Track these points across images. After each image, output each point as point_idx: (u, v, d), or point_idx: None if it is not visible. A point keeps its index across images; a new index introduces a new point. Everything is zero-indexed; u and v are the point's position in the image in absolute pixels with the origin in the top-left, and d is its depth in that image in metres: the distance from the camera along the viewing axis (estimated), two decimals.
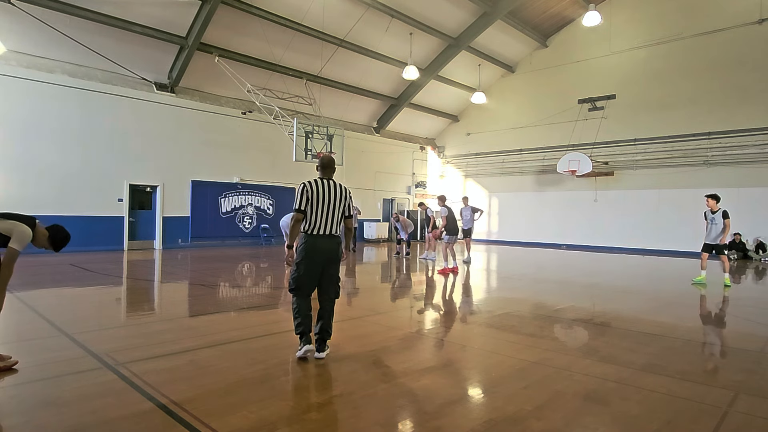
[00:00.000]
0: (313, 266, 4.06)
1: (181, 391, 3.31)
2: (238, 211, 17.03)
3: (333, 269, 4.19)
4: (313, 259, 4.05)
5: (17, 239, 3.50)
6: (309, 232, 4.05)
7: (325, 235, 4.07)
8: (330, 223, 4.08)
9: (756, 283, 10.73)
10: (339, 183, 4.20)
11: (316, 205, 4.02)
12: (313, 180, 4.11)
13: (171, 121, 15.27)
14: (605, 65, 18.61)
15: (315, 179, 4.13)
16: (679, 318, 6.29)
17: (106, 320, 5.77)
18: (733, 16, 15.79)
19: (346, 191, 4.23)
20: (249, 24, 14.68)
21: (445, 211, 10.76)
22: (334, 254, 4.14)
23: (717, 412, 3.15)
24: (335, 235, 4.14)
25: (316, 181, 4.10)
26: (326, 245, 4.08)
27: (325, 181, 4.14)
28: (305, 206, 4.01)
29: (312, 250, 4.04)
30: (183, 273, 10.49)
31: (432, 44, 18.71)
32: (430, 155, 24.73)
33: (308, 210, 4.03)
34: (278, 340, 4.75)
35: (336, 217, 4.12)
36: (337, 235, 4.17)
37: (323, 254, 4.07)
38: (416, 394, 3.39)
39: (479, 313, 6.66)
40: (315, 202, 4.02)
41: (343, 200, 4.16)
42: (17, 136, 12.41)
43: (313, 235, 4.05)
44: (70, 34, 12.39)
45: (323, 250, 4.06)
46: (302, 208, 4.01)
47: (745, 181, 15.38)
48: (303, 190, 4.02)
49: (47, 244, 3.81)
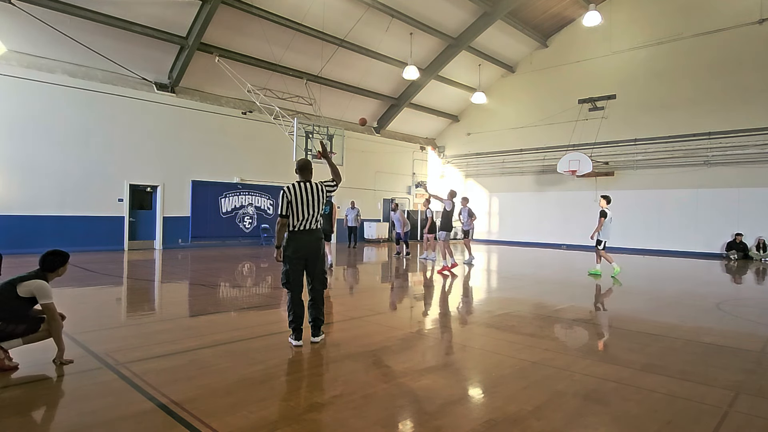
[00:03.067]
0: (299, 260, 4.52)
1: (182, 391, 3.32)
2: (238, 211, 17.03)
3: (317, 261, 4.61)
4: (298, 253, 4.50)
5: (41, 295, 3.71)
6: (292, 230, 4.51)
7: (305, 231, 4.50)
8: (309, 220, 4.51)
9: (756, 283, 10.73)
10: (315, 183, 4.63)
11: (296, 207, 4.46)
12: (292, 185, 4.54)
13: (171, 121, 15.27)
14: (605, 65, 18.60)
15: (293, 183, 4.56)
16: (680, 318, 6.29)
17: (106, 320, 5.77)
18: (733, 16, 15.78)
19: (322, 189, 4.65)
20: (249, 24, 14.68)
21: (450, 205, 10.73)
22: (316, 247, 4.57)
23: (717, 412, 3.14)
24: (315, 230, 4.56)
25: (294, 185, 4.54)
26: (307, 239, 4.51)
27: (303, 183, 4.56)
28: (287, 210, 4.46)
29: (296, 246, 4.49)
30: (183, 273, 10.49)
31: (432, 44, 18.71)
32: (431, 155, 24.73)
33: (290, 212, 4.47)
34: (278, 340, 4.75)
35: (314, 214, 4.54)
36: (318, 230, 4.60)
37: (305, 248, 4.52)
38: (416, 394, 3.39)
39: (479, 313, 6.66)
40: (295, 204, 4.46)
41: (320, 198, 4.59)
42: (17, 136, 12.41)
43: (296, 231, 4.50)
44: (71, 34, 12.39)
45: (305, 243, 4.51)
46: (284, 213, 4.47)
47: (745, 181, 15.37)
48: (283, 195, 4.48)
49: (58, 272, 3.93)
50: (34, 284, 3.69)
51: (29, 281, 3.70)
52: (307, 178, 4.64)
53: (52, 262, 3.85)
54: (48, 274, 3.83)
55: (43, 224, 12.67)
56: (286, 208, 4.47)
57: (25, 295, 3.67)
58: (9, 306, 3.65)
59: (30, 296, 3.69)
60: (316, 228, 4.57)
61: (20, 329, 3.71)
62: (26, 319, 3.78)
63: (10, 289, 3.64)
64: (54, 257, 3.87)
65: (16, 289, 3.64)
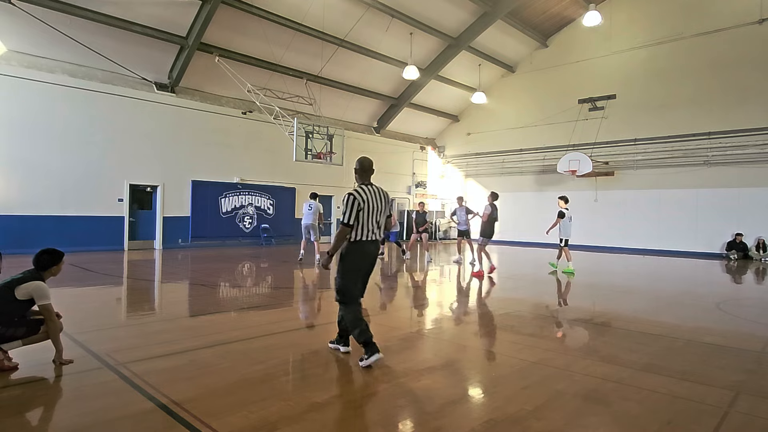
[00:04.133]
0: (361, 272, 4.15)
1: (182, 391, 3.32)
2: (238, 211, 17.03)
3: (371, 272, 4.28)
4: (361, 266, 4.13)
5: (39, 296, 3.69)
6: (356, 239, 4.04)
7: (372, 241, 4.12)
8: (376, 229, 4.12)
9: (756, 283, 10.72)
10: (379, 187, 4.23)
11: (366, 215, 4.01)
12: (361, 188, 4.09)
13: (171, 121, 15.26)
14: (605, 65, 18.60)
15: (361, 187, 4.11)
16: (680, 318, 6.29)
17: (106, 320, 5.77)
18: (733, 16, 15.78)
19: (387, 196, 4.28)
20: (249, 24, 14.68)
21: (489, 209, 10.88)
22: (375, 259, 4.23)
23: (717, 412, 3.14)
24: (378, 240, 4.20)
25: (365, 190, 4.08)
26: (372, 250, 4.15)
27: (370, 187, 4.14)
28: (355, 218, 3.98)
29: (361, 257, 4.09)
30: (183, 273, 10.49)
31: (432, 44, 18.70)
32: (431, 155, 24.72)
33: (357, 220, 4.00)
34: (278, 340, 4.75)
35: (382, 223, 4.20)
36: (379, 239, 4.22)
37: (369, 260, 4.16)
38: (416, 394, 3.39)
39: (479, 313, 6.66)
40: (365, 213, 4.01)
41: (386, 206, 4.22)
42: (17, 136, 12.40)
43: (361, 241, 4.05)
44: (71, 34, 12.39)
45: (370, 255, 4.14)
46: (351, 221, 3.97)
47: (745, 181, 15.37)
48: (354, 202, 3.96)
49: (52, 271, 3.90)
50: (32, 285, 3.68)
51: (27, 283, 3.68)
52: (371, 181, 4.22)
53: (46, 261, 3.84)
54: (43, 273, 3.82)
55: (43, 224, 12.67)
56: (355, 217, 3.97)
57: (23, 298, 3.66)
58: (8, 309, 3.65)
59: (28, 298, 3.68)
60: (378, 238, 4.19)
61: (20, 332, 3.71)
62: (26, 321, 3.78)
63: (8, 293, 3.63)
64: (48, 256, 3.85)
65: (13, 292, 3.63)
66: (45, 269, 3.84)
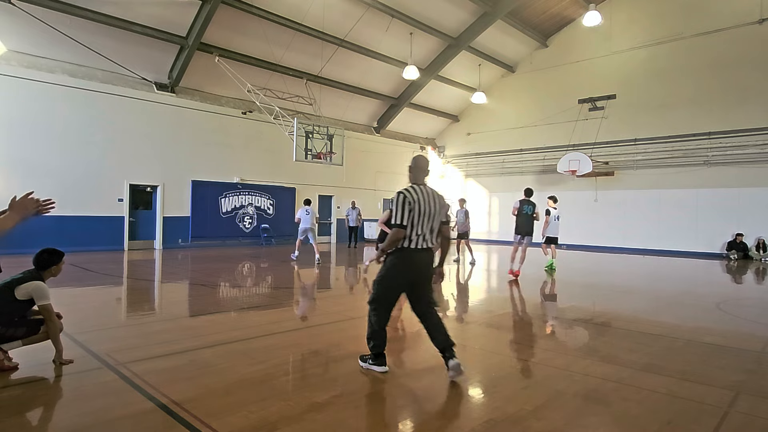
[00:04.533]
0: (405, 282, 3.73)
1: (182, 391, 3.32)
2: (238, 211, 17.03)
3: (427, 285, 3.82)
4: (406, 276, 3.70)
5: (39, 296, 3.68)
6: (403, 246, 3.64)
7: (422, 249, 3.68)
8: (428, 236, 3.70)
9: (756, 283, 10.72)
10: (434, 190, 3.83)
11: (418, 218, 3.61)
12: (412, 188, 3.70)
13: (171, 121, 15.26)
14: (605, 65, 18.60)
15: (413, 187, 3.72)
16: (680, 318, 6.29)
17: (106, 320, 5.77)
18: (733, 16, 15.78)
19: (443, 199, 3.86)
20: (249, 24, 14.68)
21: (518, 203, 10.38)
22: (428, 271, 3.78)
23: (717, 412, 3.14)
24: (430, 249, 3.76)
25: (417, 190, 3.69)
26: (422, 259, 3.70)
27: (423, 188, 3.73)
28: (408, 219, 3.59)
29: (407, 267, 3.68)
30: (183, 273, 10.49)
31: (432, 44, 18.70)
32: (431, 155, 24.72)
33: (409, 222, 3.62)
34: (278, 340, 4.75)
35: (435, 229, 3.75)
36: (432, 247, 3.78)
37: (417, 271, 3.72)
38: (416, 394, 3.40)
39: (479, 313, 6.66)
40: (417, 215, 3.61)
41: (440, 210, 3.77)
42: (17, 136, 12.40)
43: (409, 249, 3.64)
44: (71, 34, 12.39)
45: (418, 265, 3.70)
46: (405, 222, 3.58)
47: (745, 181, 15.37)
48: (405, 201, 3.59)
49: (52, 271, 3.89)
50: (32, 286, 3.68)
51: (26, 283, 3.68)
52: (425, 182, 3.82)
53: (46, 261, 3.84)
54: (43, 273, 3.82)
55: (43, 224, 12.61)
56: (408, 217, 3.58)
57: (23, 298, 3.66)
58: (8, 309, 3.65)
59: (28, 298, 3.68)
60: (431, 246, 3.75)
61: (20, 332, 3.71)
62: (26, 321, 3.78)
63: (8, 293, 3.62)
64: (49, 256, 3.85)
65: (13, 292, 3.63)
66: (45, 269, 3.83)
